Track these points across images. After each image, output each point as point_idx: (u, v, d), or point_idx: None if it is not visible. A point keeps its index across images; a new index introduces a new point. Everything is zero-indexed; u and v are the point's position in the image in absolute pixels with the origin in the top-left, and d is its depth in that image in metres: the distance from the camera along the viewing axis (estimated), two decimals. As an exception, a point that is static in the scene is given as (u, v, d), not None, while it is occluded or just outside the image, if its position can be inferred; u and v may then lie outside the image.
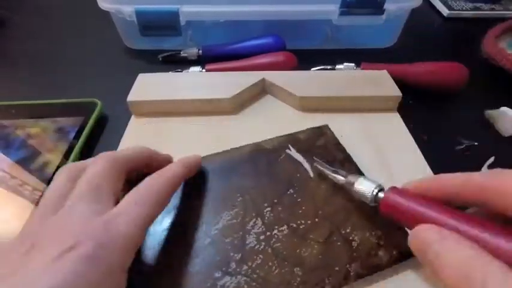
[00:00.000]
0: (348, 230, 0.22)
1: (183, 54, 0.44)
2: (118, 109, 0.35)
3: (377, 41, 0.47)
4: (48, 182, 0.27)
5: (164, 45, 0.45)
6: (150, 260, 0.21)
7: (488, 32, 0.43)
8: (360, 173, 0.26)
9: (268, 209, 0.24)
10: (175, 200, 0.24)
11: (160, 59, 0.44)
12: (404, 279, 0.21)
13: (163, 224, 0.23)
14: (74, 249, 0.15)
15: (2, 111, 0.34)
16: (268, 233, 0.22)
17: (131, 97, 0.33)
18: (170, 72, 0.38)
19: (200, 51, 0.43)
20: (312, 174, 0.26)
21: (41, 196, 0.26)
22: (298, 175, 0.26)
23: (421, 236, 0.17)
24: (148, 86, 0.35)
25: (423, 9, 0.56)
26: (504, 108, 0.34)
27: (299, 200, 0.25)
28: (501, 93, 0.39)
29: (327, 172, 0.25)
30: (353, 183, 0.22)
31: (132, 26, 0.42)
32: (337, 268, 0.21)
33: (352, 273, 0.20)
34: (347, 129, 0.32)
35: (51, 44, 0.48)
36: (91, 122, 0.33)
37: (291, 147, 0.29)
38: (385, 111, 0.34)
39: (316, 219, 0.23)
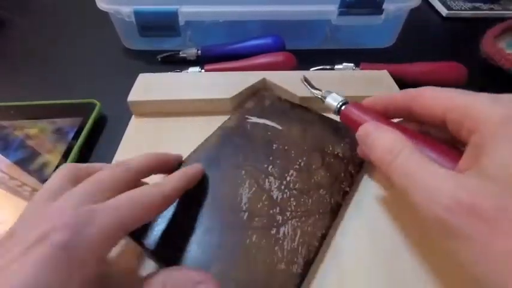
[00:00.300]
0: (331, 149, 0.28)
1: (182, 54, 0.43)
2: (117, 109, 0.34)
3: (376, 41, 0.47)
4: (47, 183, 0.27)
5: (163, 46, 0.45)
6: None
7: (487, 32, 0.43)
8: (310, 112, 0.32)
9: (270, 166, 0.27)
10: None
11: (159, 59, 0.44)
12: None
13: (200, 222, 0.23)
14: (47, 237, 0.15)
15: (0, 112, 0.34)
16: (284, 182, 0.26)
17: (132, 97, 0.33)
18: (171, 73, 0.38)
19: (199, 52, 0.43)
20: (280, 127, 0.31)
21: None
22: (269, 133, 0.30)
23: (363, 128, 0.23)
24: (149, 86, 0.35)
25: (422, 9, 0.56)
26: (503, 108, 0.34)
27: (286, 147, 0.29)
28: (500, 93, 0.39)
29: (309, 88, 0.31)
30: (326, 97, 0.28)
31: (131, 26, 0.42)
32: (342, 174, 0.26)
33: (353, 171, 0.27)
34: (347, 129, 0.32)
35: (50, 44, 0.48)
36: (90, 122, 0.33)
37: (249, 117, 0.32)
38: (385, 111, 0.34)
39: (307, 153, 0.28)
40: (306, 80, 0.31)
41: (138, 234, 0.22)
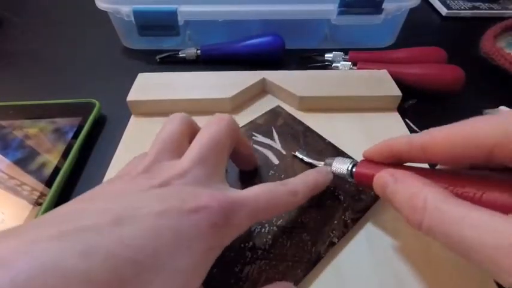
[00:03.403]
0: (331, 189, 0.25)
1: (181, 54, 0.43)
2: (116, 109, 0.34)
3: (375, 41, 0.47)
4: (46, 182, 0.27)
5: (163, 45, 0.45)
6: None
7: (487, 31, 0.43)
8: (321, 139, 0.30)
9: None
10: None
11: (158, 60, 0.43)
12: (387, 214, 0.25)
13: None
14: (202, 211, 0.15)
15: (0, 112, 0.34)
16: None
17: (131, 97, 0.33)
18: (170, 72, 0.38)
19: (199, 52, 0.43)
20: (284, 152, 0.29)
21: (39, 197, 0.26)
22: (270, 156, 0.28)
23: (379, 180, 0.20)
24: (148, 86, 0.35)
25: (422, 9, 0.56)
26: (502, 108, 0.34)
27: (282, 176, 0.26)
28: (500, 93, 0.39)
29: (308, 160, 0.27)
30: (330, 164, 0.24)
31: (130, 26, 0.42)
32: (336, 221, 0.23)
33: (348, 221, 0.24)
34: (347, 129, 0.32)
35: (49, 44, 0.48)
36: (89, 122, 0.32)
37: (256, 134, 0.30)
38: (385, 111, 0.34)
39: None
40: (300, 154, 0.28)
41: None
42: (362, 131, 0.32)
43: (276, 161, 0.28)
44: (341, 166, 0.23)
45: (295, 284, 0.20)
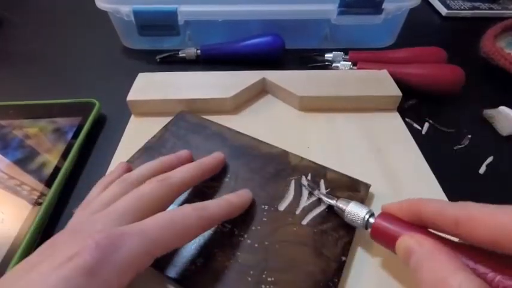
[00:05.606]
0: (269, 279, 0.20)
1: (181, 54, 0.43)
2: (116, 109, 0.34)
3: (376, 41, 0.47)
4: (46, 182, 0.27)
5: (163, 45, 0.45)
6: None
7: (487, 31, 0.43)
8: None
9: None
10: None
11: (158, 60, 0.43)
12: None
13: None
14: (73, 259, 0.15)
15: (0, 112, 0.34)
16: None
17: (131, 97, 0.33)
18: (170, 72, 0.38)
19: (199, 51, 0.43)
20: (297, 211, 0.24)
21: (39, 196, 0.26)
22: (286, 200, 0.25)
23: (404, 245, 0.18)
24: (148, 86, 0.35)
25: (422, 9, 0.56)
26: (502, 108, 0.34)
27: (264, 220, 0.23)
28: (500, 93, 0.39)
29: (319, 195, 0.24)
30: (344, 209, 0.22)
31: (130, 25, 0.42)
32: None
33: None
34: (347, 129, 0.32)
35: (49, 44, 0.48)
36: (89, 122, 0.32)
37: (308, 177, 0.26)
38: (385, 111, 0.34)
39: (256, 245, 0.22)
40: (309, 185, 0.25)
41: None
42: (362, 131, 0.32)
43: (279, 206, 0.25)
44: (356, 212, 0.21)
45: None
